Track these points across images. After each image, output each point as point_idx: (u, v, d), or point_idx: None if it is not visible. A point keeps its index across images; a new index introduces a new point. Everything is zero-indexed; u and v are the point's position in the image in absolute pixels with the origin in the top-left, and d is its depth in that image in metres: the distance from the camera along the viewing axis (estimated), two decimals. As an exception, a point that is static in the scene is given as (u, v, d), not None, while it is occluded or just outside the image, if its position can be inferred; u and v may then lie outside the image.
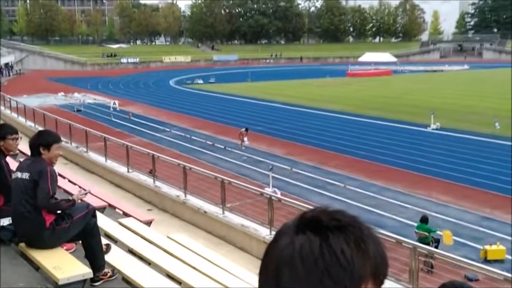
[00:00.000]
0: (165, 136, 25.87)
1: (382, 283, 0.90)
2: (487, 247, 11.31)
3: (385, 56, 75.28)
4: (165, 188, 13.02)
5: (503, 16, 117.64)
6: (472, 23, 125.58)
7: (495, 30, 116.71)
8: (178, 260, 6.16)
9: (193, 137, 25.38)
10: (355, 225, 0.90)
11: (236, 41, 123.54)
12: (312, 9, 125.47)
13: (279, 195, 12.95)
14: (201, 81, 57.77)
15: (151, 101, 40.69)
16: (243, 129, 23.31)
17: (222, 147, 23.07)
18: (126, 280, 5.26)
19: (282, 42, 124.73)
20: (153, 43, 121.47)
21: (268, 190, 13.70)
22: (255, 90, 47.48)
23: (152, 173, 13.74)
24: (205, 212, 11.30)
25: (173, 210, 12.50)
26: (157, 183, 13.31)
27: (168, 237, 7.37)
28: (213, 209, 11.24)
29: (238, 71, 74.00)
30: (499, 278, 6.01)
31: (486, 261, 10.87)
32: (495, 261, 10.97)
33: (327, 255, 0.84)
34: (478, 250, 11.47)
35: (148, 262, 5.88)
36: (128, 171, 14.63)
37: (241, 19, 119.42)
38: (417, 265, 6.66)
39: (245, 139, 23.16)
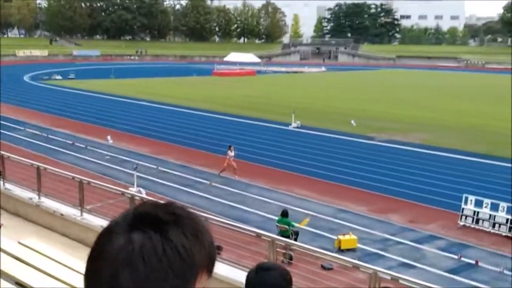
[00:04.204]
0: (19, 135, 24.04)
1: (212, 272, 0.90)
2: (341, 237, 12.14)
3: (249, 57, 77.39)
4: (17, 191, 12.07)
5: (355, 22, 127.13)
6: (328, 27, 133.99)
7: (349, 34, 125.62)
8: (30, 267, 5.75)
9: (50, 136, 23.90)
10: (191, 217, 0.89)
11: (98, 36, 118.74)
12: (178, 6, 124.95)
13: (144, 195, 12.71)
14: (59, 77, 54.59)
15: (3, 98, 37.52)
16: (229, 150, 18.32)
17: (83, 146, 22.03)
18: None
19: (147, 39, 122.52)
20: (5, 35, 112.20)
21: (133, 190, 13.37)
22: (119, 87, 46.05)
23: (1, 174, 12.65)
24: (62, 215, 10.68)
25: (26, 214, 11.63)
26: (8, 186, 12.29)
27: (19, 242, 6.84)
28: (71, 211, 10.66)
29: (100, 67, 71.31)
30: (349, 265, 6.45)
31: (340, 250, 11.66)
32: (348, 250, 11.81)
33: (169, 251, 0.82)
34: (334, 240, 12.25)
35: (-5, 271, 5.40)
36: (-27, 174, 13.31)
37: (103, 14, 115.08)
38: (275, 257, 6.90)
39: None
